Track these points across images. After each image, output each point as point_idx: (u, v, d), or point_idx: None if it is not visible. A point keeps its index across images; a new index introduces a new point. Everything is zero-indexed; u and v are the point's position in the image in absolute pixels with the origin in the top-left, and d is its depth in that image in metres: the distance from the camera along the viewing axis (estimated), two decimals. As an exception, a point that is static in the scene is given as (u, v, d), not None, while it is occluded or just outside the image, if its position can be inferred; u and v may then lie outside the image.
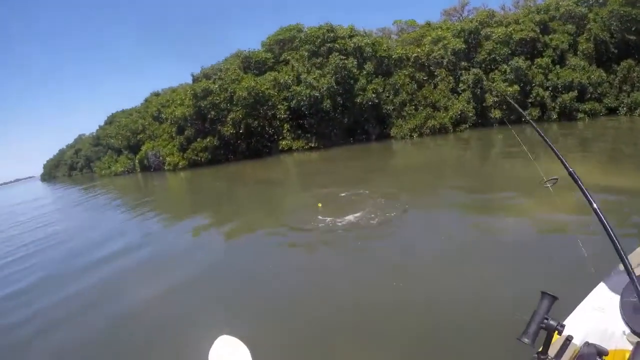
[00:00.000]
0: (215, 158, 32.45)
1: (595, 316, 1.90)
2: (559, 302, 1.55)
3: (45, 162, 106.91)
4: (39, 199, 37.47)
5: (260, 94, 30.43)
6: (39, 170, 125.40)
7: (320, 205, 10.81)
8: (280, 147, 30.96)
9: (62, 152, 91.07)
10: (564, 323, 1.54)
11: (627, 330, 1.66)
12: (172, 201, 20.07)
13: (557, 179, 2.06)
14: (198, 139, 33.26)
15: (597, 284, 2.10)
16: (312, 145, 30.50)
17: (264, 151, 31.13)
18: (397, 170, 17.33)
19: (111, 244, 10.91)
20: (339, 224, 8.58)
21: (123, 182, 37.85)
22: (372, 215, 8.82)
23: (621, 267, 1.96)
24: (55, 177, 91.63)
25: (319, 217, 9.27)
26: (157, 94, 51.26)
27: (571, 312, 1.96)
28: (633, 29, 28.57)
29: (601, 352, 1.50)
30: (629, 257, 1.96)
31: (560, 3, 31.60)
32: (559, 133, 23.71)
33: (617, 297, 1.91)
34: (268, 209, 12.32)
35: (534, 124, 2.77)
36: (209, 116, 31.90)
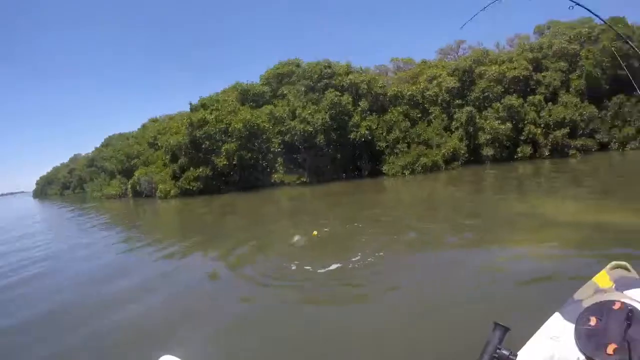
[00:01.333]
0: (207, 188, 32.40)
1: (549, 345, 1.97)
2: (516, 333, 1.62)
3: (38, 179, 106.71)
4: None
5: (256, 127, 30.70)
6: (31, 186, 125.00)
7: (315, 233, 10.97)
8: (272, 180, 31.03)
9: (56, 170, 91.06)
10: (518, 353, 1.63)
11: (582, 357, 1.75)
12: (161, 231, 19.90)
13: None
14: (191, 168, 33.27)
15: (552, 314, 2.18)
16: (305, 179, 30.63)
17: (256, 183, 31.17)
18: (387, 208, 17.27)
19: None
20: (320, 270, 8.05)
21: (116, 206, 37.64)
22: (356, 259, 8.43)
23: (576, 296, 2.21)
24: (47, 194, 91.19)
25: (296, 261, 8.76)
26: (154, 120, 51.74)
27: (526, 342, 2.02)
28: (624, 64, 29.10)
29: None
30: (582, 288, 2.28)
31: (553, 41, 32.55)
32: (551, 170, 24.07)
33: (572, 326, 1.98)
34: (251, 244, 11.72)
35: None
36: (204, 146, 32.05)
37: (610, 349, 1.72)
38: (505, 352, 1.64)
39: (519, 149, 29.84)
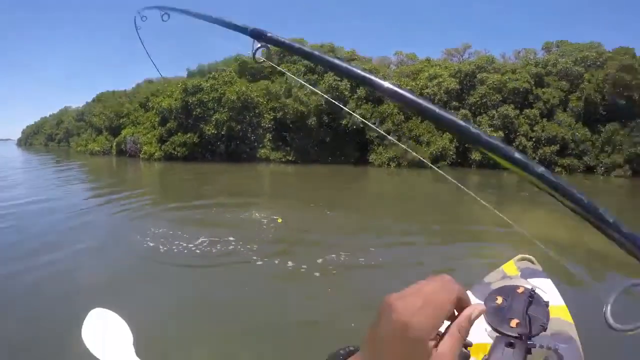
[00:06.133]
0: (192, 155, 32.03)
1: None
2: None
3: (25, 127, 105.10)
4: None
5: (249, 100, 30.36)
6: (17, 134, 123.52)
7: (280, 220, 10.60)
8: (258, 155, 30.78)
9: (44, 120, 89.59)
10: None
11: (489, 328, 1.97)
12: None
13: None
14: (179, 133, 32.83)
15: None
16: (290, 158, 30.50)
17: (241, 156, 30.86)
18: (363, 198, 17.22)
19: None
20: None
21: (100, 162, 37.08)
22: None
23: (485, 279, 2.62)
24: (32, 144, 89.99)
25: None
26: (150, 82, 50.78)
27: None
28: (625, 94, 29.49)
29: (467, 344, 1.62)
30: (491, 273, 2.75)
31: (559, 60, 32.54)
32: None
33: (481, 303, 2.15)
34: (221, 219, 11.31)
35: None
36: (195, 113, 31.62)
37: (513, 323, 1.94)
38: None
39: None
